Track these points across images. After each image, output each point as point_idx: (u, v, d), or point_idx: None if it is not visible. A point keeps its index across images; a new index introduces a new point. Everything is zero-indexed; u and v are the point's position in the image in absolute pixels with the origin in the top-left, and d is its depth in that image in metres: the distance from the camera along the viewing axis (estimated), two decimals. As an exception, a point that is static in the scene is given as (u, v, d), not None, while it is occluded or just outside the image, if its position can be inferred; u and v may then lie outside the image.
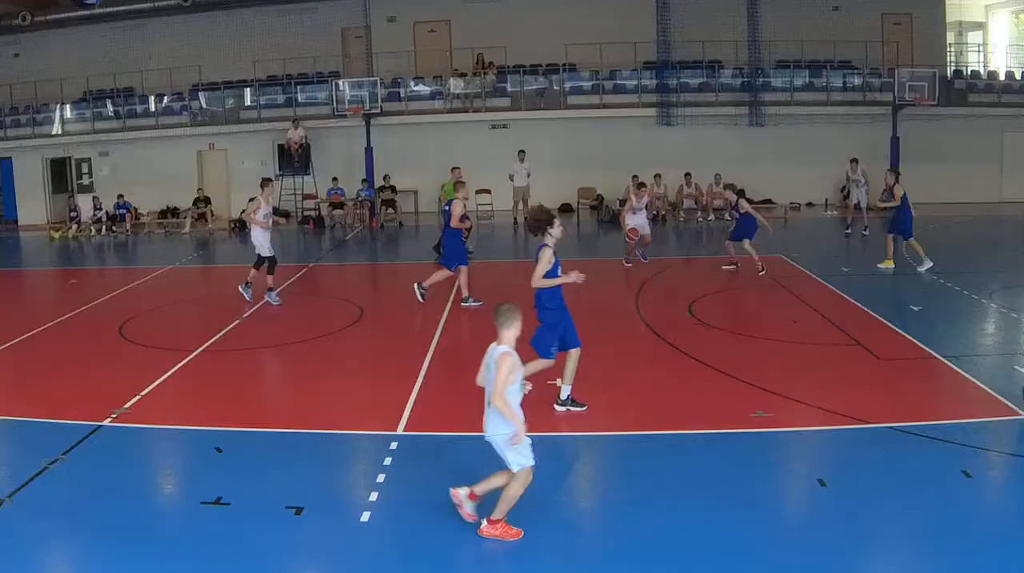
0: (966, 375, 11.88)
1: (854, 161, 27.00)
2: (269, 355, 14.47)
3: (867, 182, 26.69)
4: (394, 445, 9.78)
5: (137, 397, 11.61)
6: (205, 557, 7.42)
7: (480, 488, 7.76)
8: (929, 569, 7.17)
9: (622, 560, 7.29)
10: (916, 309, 16.12)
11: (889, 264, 19.72)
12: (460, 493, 7.77)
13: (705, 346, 13.72)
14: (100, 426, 10.57)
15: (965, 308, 16.26)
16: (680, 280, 19.86)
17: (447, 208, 17.32)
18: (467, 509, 7.78)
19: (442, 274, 16.92)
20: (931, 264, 19.13)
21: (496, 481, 7.68)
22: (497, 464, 7.60)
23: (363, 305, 17.33)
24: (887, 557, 7.37)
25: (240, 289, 17.55)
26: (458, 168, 21.52)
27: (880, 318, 15.20)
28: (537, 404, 10.11)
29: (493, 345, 7.56)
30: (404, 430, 10.31)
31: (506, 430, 7.38)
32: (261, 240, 17.34)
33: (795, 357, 13.18)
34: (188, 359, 13.62)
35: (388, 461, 9.35)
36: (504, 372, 7.28)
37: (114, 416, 10.88)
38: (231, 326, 15.75)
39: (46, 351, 14.70)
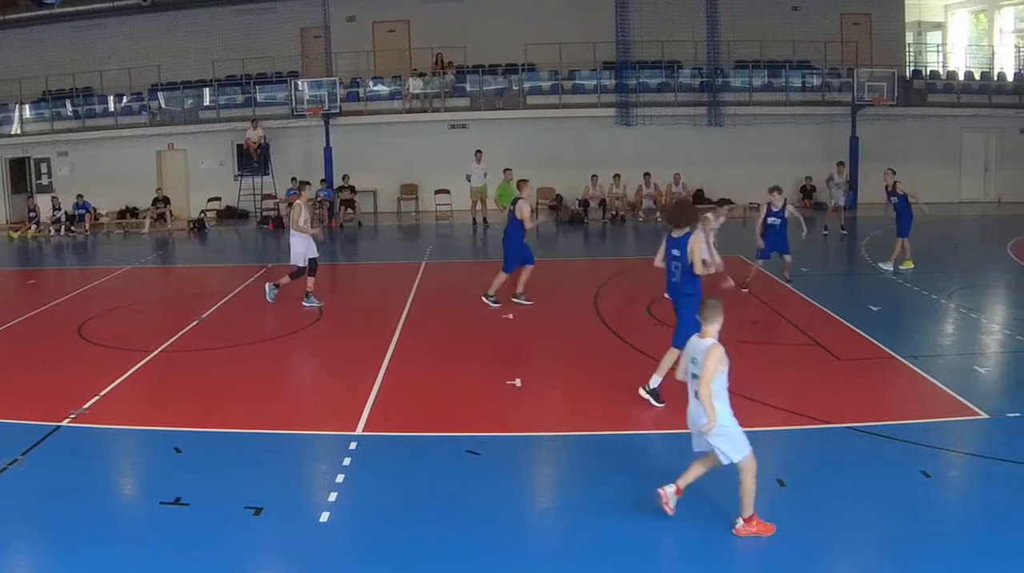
0: (925, 375, 12.04)
1: (841, 164, 28.06)
2: (228, 355, 14.34)
3: (848, 184, 27.39)
4: (353, 445, 9.78)
5: (96, 397, 11.53)
6: (164, 557, 7.39)
7: (683, 481, 7.83)
8: (889, 569, 7.24)
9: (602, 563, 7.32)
10: (875, 309, 16.25)
11: (909, 265, 19.58)
12: (668, 491, 7.81)
13: (664, 346, 13.72)
14: (59, 426, 10.49)
15: (924, 308, 16.47)
16: (639, 280, 19.76)
17: (512, 208, 16.34)
18: (671, 505, 7.81)
19: (515, 275, 16.14)
20: (892, 269, 19.30)
21: (696, 470, 7.82)
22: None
23: (322, 305, 17.19)
24: (846, 557, 7.46)
25: (304, 302, 16.96)
26: (510, 169, 21.32)
27: (839, 318, 15.33)
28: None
29: (696, 337, 7.69)
30: (363, 430, 10.31)
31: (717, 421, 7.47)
32: (299, 248, 16.73)
33: (755, 358, 13.18)
34: (147, 359, 13.53)
35: (347, 461, 9.34)
36: (712, 363, 7.38)
37: (73, 416, 10.80)
38: (190, 326, 15.63)
39: (4, 351, 14.52)
